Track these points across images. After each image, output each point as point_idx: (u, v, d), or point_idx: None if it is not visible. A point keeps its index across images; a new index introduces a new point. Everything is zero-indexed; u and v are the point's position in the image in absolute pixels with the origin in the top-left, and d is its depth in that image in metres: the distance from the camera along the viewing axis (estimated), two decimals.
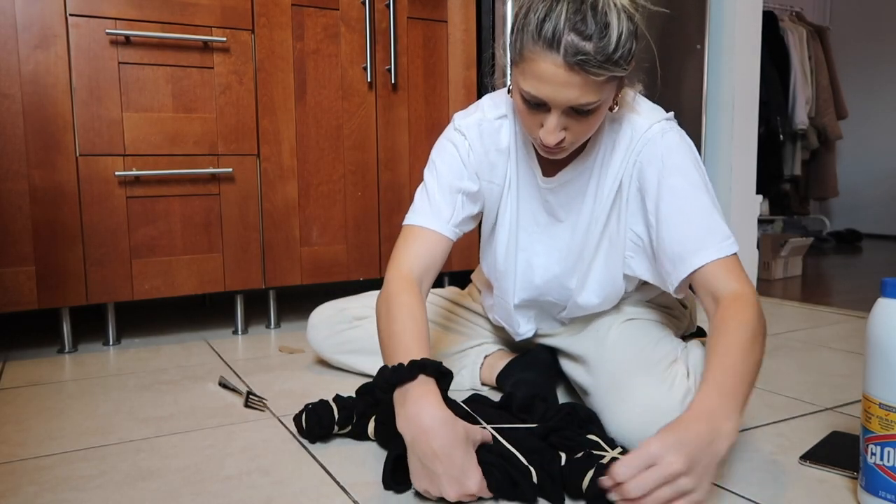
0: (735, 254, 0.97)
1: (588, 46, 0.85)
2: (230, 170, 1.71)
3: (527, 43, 0.89)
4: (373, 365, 1.34)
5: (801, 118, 3.64)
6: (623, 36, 0.87)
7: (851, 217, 4.62)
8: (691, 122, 2.32)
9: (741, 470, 0.96)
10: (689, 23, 2.28)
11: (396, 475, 0.88)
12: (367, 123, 1.88)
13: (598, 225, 1.08)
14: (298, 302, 2.16)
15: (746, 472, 0.95)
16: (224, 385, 1.34)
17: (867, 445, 0.81)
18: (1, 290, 1.51)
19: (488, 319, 1.38)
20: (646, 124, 1.03)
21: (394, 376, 0.89)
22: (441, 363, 0.91)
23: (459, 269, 2.01)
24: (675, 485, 0.73)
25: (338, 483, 0.92)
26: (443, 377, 0.90)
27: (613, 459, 0.84)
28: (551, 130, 0.93)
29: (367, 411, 1.06)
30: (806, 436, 1.08)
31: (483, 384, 1.30)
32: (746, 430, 1.11)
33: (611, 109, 1.00)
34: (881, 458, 0.80)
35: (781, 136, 3.59)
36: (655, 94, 1.16)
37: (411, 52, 1.92)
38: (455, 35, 1.97)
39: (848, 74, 4.32)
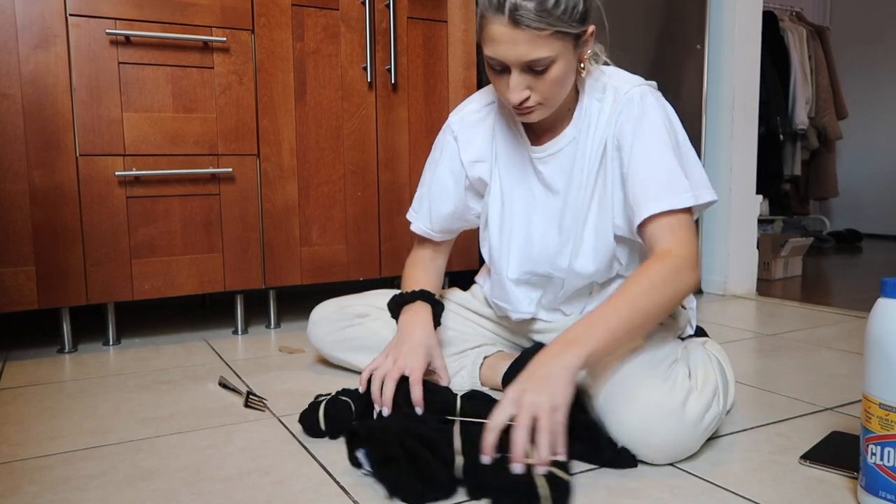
0: (688, 209, 1.03)
1: (528, 3, 0.95)
2: (230, 170, 1.71)
3: (482, 11, 1.00)
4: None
5: (801, 118, 3.64)
6: None
7: (851, 217, 4.62)
8: (691, 122, 2.32)
9: (741, 470, 0.96)
10: (689, 23, 2.28)
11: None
12: (367, 123, 1.88)
13: (588, 189, 1.13)
14: (298, 302, 2.16)
15: (746, 472, 0.95)
16: (224, 385, 1.34)
17: (867, 445, 0.81)
18: (1, 290, 1.51)
19: (490, 320, 1.38)
20: (626, 88, 1.10)
21: (400, 299, 1.20)
22: (434, 294, 1.22)
23: (459, 269, 2.01)
24: (523, 404, 0.84)
25: (338, 483, 0.92)
26: (436, 304, 1.20)
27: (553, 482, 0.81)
28: (513, 88, 1.02)
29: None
30: (806, 436, 1.08)
31: (483, 384, 1.30)
32: (746, 430, 1.11)
33: (580, 72, 1.10)
34: (881, 458, 0.80)
35: (781, 136, 3.59)
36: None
37: (411, 52, 1.92)
38: (455, 35, 1.97)
39: (848, 74, 4.32)
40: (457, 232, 1.34)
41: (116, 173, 1.59)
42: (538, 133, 1.18)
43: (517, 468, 0.82)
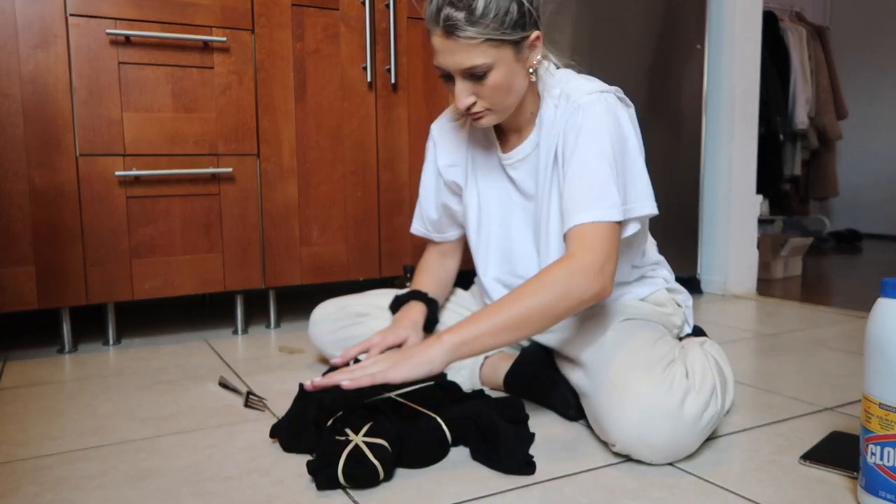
0: (612, 222, 1.02)
1: (457, 14, 1.00)
2: (230, 170, 1.71)
3: (426, 24, 1.06)
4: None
5: (801, 118, 3.64)
6: (492, 2, 1.00)
7: (851, 217, 4.62)
8: (691, 122, 2.32)
9: (741, 470, 0.96)
10: (689, 23, 2.28)
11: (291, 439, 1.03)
12: (367, 123, 1.88)
13: (546, 194, 1.15)
14: (298, 302, 2.16)
15: (746, 472, 0.95)
16: (224, 385, 1.34)
17: (867, 445, 0.81)
18: (1, 290, 1.51)
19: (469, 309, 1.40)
20: (577, 95, 1.10)
21: (397, 299, 1.30)
22: (427, 294, 1.30)
23: (461, 269, 2.01)
24: (376, 364, 0.97)
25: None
26: (430, 302, 1.29)
27: (347, 441, 0.91)
28: (458, 95, 1.07)
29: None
30: (806, 436, 1.08)
31: (483, 384, 1.30)
32: (746, 430, 1.11)
33: (530, 78, 1.11)
34: (881, 458, 0.80)
35: (781, 136, 3.59)
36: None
37: (411, 52, 1.92)
38: None
39: (848, 74, 4.32)
40: (455, 232, 1.38)
41: (116, 173, 1.59)
42: (509, 139, 1.22)
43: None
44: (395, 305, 1.30)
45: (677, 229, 2.34)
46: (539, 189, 1.17)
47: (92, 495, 0.89)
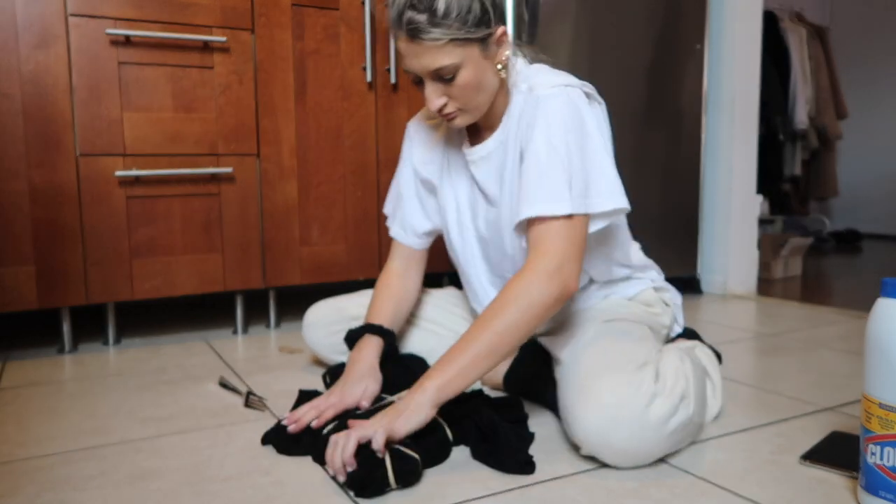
0: (565, 217, 1.00)
1: (419, 17, 0.99)
2: (230, 170, 1.71)
3: (389, 28, 1.06)
4: None
5: (801, 118, 3.64)
6: (453, 1, 0.98)
7: (851, 217, 4.62)
8: (691, 122, 2.32)
9: (741, 470, 0.96)
10: (689, 23, 2.28)
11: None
12: (367, 123, 1.88)
13: (513, 195, 1.11)
14: (298, 302, 2.16)
15: (746, 472, 0.95)
16: (224, 385, 1.34)
17: (867, 445, 0.81)
18: (1, 290, 1.51)
19: (435, 322, 1.40)
20: (540, 89, 1.07)
21: (352, 334, 1.23)
22: (381, 326, 1.22)
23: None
24: (367, 425, 0.93)
25: (338, 483, 0.92)
26: (386, 334, 1.21)
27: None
28: (429, 97, 1.05)
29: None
30: (806, 436, 1.08)
31: (483, 384, 1.30)
32: (746, 430, 1.11)
33: (501, 74, 1.08)
34: (881, 458, 0.80)
35: (781, 136, 3.59)
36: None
37: None
38: None
39: (848, 74, 4.32)
40: (429, 236, 1.33)
41: (116, 173, 1.59)
42: (478, 135, 1.19)
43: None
44: (350, 340, 1.22)
45: (677, 229, 2.34)
46: (505, 187, 1.13)
47: (92, 495, 0.89)
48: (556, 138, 1.02)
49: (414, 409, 0.94)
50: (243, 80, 1.72)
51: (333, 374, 1.25)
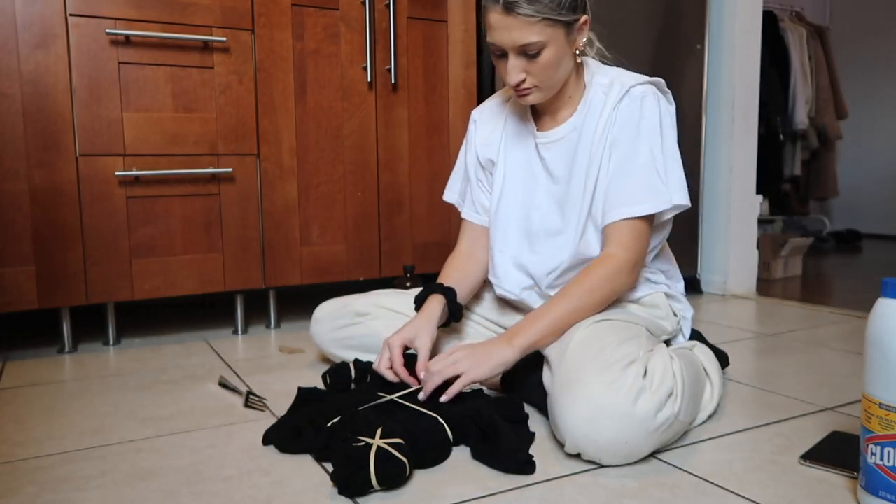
0: (647, 217, 1.15)
1: None
2: (230, 170, 1.71)
3: (483, 2, 1.12)
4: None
5: (801, 118, 3.63)
6: None
7: (851, 217, 4.62)
8: (691, 122, 2.32)
9: (741, 470, 0.96)
10: (689, 23, 2.28)
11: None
12: (367, 123, 1.88)
13: (592, 178, 1.19)
14: (298, 302, 2.16)
15: (746, 472, 0.95)
16: (224, 385, 1.34)
17: (867, 445, 0.81)
18: (1, 290, 1.51)
19: (491, 321, 1.39)
20: (631, 82, 1.18)
21: (420, 294, 1.29)
22: (443, 284, 1.28)
23: None
24: (459, 363, 1.08)
25: (338, 483, 0.91)
26: (447, 291, 1.27)
27: (367, 445, 0.91)
28: (510, 71, 1.13)
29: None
30: (806, 436, 1.08)
31: (481, 384, 1.29)
32: (746, 430, 1.11)
33: (576, 60, 1.18)
34: (881, 458, 0.80)
35: (781, 136, 3.59)
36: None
37: (411, 52, 1.92)
38: (455, 35, 1.97)
39: (848, 74, 4.32)
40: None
41: (116, 173, 1.59)
42: (545, 120, 1.26)
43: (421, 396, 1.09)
44: (418, 301, 1.30)
45: (677, 229, 2.32)
46: (575, 171, 1.20)
47: (92, 495, 0.89)
48: (650, 141, 1.14)
49: (500, 360, 1.07)
50: (243, 80, 1.72)
51: (334, 373, 1.25)
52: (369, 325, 1.36)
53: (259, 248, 1.78)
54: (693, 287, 2.42)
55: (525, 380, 1.20)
